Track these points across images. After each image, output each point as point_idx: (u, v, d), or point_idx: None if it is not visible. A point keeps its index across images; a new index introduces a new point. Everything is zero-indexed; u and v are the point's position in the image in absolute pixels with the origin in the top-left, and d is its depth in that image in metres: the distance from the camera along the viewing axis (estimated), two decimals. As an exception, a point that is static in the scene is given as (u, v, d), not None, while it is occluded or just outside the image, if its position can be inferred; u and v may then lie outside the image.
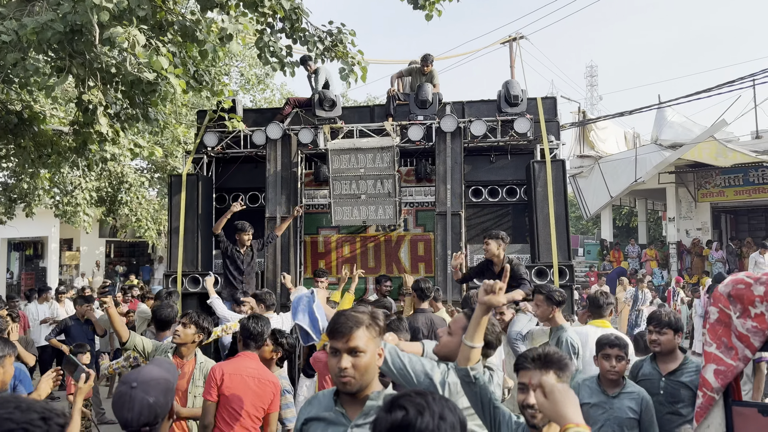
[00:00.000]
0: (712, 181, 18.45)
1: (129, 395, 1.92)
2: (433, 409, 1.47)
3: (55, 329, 8.32)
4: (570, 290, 7.31)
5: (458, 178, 7.64)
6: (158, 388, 1.97)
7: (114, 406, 1.97)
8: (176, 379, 2.13)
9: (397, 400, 1.50)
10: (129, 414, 1.90)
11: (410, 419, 1.44)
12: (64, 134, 9.20)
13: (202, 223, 8.21)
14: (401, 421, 1.45)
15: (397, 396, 1.53)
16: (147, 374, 1.99)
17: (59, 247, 21.76)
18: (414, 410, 1.46)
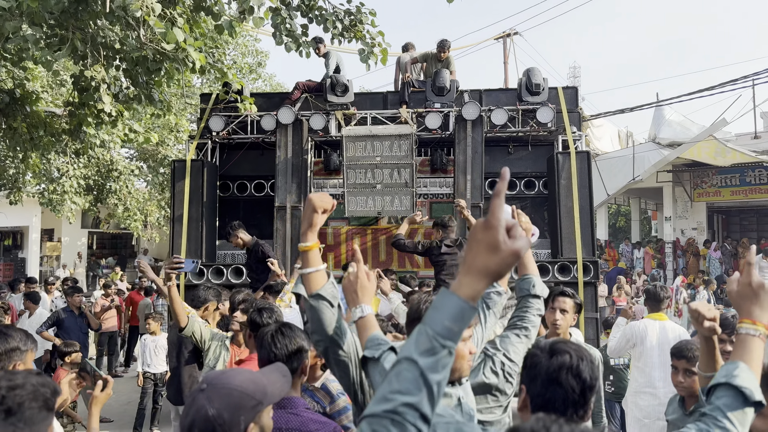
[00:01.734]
0: (708, 180, 18.42)
1: (193, 398, 1.55)
2: (586, 356, 1.65)
3: (47, 322, 7.84)
4: (594, 287, 7.06)
5: (479, 169, 7.32)
6: (227, 399, 1.53)
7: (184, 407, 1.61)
8: (279, 394, 1.66)
9: (555, 346, 1.68)
10: (186, 420, 1.54)
11: (573, 362, 1.62)
12: (56, 116, 8.70)
13: (206, 212, 7.79)
14: (562, 363, 1.62)
15: (554, 342, 1.70)
16: (224, 379, 1.59)
17: (40, 238, 21.04)
18: (576, 355, 1.64)
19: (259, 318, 3.26)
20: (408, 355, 1.15)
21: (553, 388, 1.61)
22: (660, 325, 4.81)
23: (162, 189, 16.54)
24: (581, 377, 1.60)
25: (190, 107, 15.47)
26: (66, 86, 10.96)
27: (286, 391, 1.74)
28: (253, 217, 8.40)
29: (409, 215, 7.09)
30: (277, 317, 3.36)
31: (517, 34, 22.52)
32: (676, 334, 4.74)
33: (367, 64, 6.69)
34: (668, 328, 4.82)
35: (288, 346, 2.43)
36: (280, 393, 1.68)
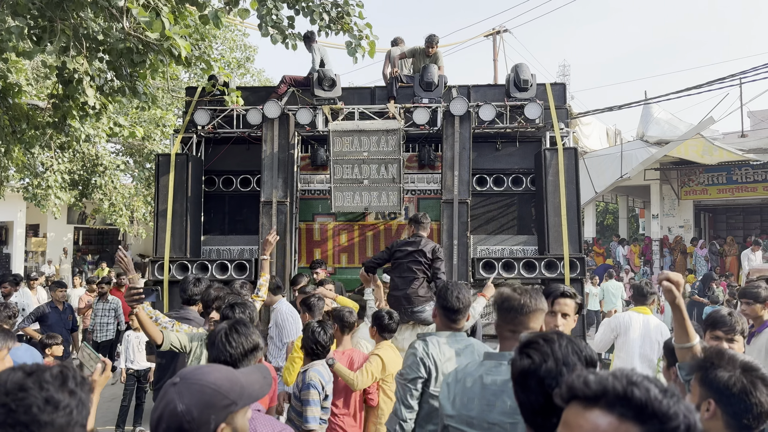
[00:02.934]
0: (695, 178, 18.54)
1: (164, 391, 1.49)
2: (557, 355, 1.56)
3: (30, 317, 7.73)
4: (581, 284, 7.05)
5: (466, 165, 7.29)
6: (198, 396, 1.46)
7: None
8: (255, 395, 1.57)
9: (525, 348, 1.61)
10: (154, 413, 1.48)
11: (537, 366, 1.55)
12: (39, 109, 8.56)
13: (191, 207, 7.70)
14: (528, 368, 1.56)
15: (527, 342, 1.63)
16: (199, 375, 1.52)
17: (25, 233, 20.78)
18: (539, 357, 1.57)
19: (231, 314, 3.19)
20: None
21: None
22: (644, 319, 4.91)
23: (148, 184, 16.37)
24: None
25: (177, 101, 15.33)
26: (51, 78, 10.81)
27: (265, 394, 1.67)
28: (239, 213, 8.34)
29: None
30: (250, 312, 3.30)
31: (507, 31, 22.54)
32: (659, 329, 4.84)
33: (354, 57, 6.63)
34: (651, 322, 4.92)
35: (244, 344, 2.31)
36: (258, 395, 1.60)
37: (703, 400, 1.90)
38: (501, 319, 2.31)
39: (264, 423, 2.10)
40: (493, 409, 2.10)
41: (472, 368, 2.26)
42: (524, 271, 7.05)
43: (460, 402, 2.19)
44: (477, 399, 2.15)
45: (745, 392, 1.83)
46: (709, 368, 1.93)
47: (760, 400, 1.82)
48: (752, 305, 4.26)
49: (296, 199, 7.99)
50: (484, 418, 2.11)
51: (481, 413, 2.12)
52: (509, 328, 2.27)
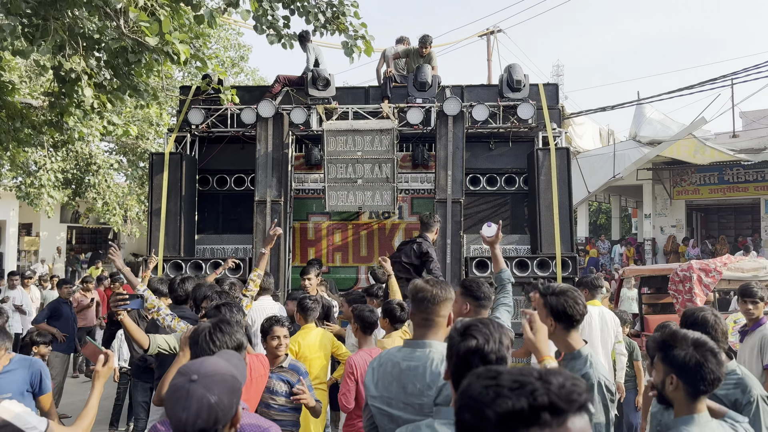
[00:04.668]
0: (688, 178, 18.66)
1: (186, 390, 1.53)
2: (495, 336, 1.87)
3: (45, 313, 7.88)
4: (572, 282, 7.10)
5: (459, 164, 7.33)
6: (223, 385, 1.57)
7: (167, 402, 1.57)
8: (245, 379, 1.72)
9: (467, 330, 1.87)
10: (184, 414, 1.52)
11: (480, 345, 1.83)
12: (33, 107, 8.55)
13: (185, 206, 7.72)
14: (474, 348, 1.83)
15: (468, 325, 1.89)
16: (211, 367, 1.60)
17: (18, 232, 20.70)
18: (482, 338, 1.84)
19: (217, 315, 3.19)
20: None
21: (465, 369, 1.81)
22: (599, 311, 5.29)
23: (142, 183, 16.35)
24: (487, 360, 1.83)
25: (171, 100, 15.31)
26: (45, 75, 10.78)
27: (245, 378, 1.75)
28: (233, 212, 8.36)
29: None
30: (236, 313, 3.31)
31: (501, 31, 22.61)
32: (611, 317, 5.34)
33: (351, 57, 6.66)
34: (605, 312, 5.36)
35: (227, 343, 2.32)
36: (244, 377, 1.72)
37: (667, 375, 2.21)
38: (415, 308, 2.52)
39: (251, 421, 2.13)
40: (406, 390, 2.35)
41: (392, 354, 2.50)
42: (517, 270, 7.10)
43: (382, 384, 2.42)
44: (395, 382, 2.39)
45: (699, 365, 2.15)
46: (667, 348, 2.24)
47: (711, 369, 2.15)
48: (758, 304, 4.47)
49: (290, 199, 8.02)
50: (400, 398, 2.35)
51: (398, 394, 2.36)
52: (422, 316, 2.48)
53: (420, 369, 2.37)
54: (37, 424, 2.29)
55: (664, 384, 2.22)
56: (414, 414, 2.31)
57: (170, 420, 1.55)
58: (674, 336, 2.28)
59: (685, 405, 2.19)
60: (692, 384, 2.17)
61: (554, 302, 2.59)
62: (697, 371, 2.16)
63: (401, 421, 2.31)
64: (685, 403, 2.19)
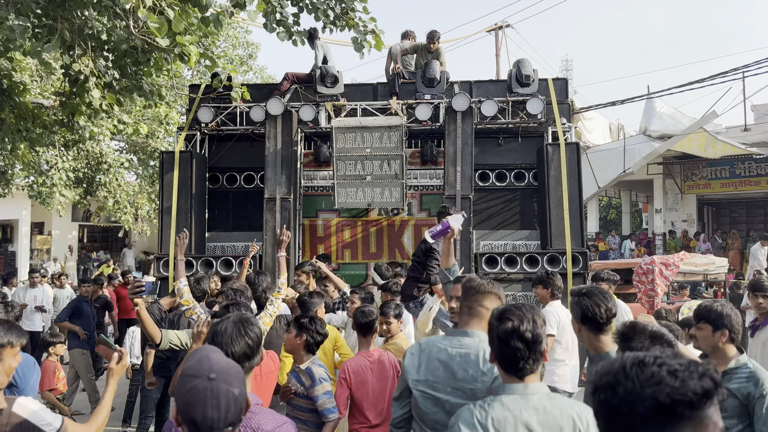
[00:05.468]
0: (699, 173, 18.52)
1: (210, 389, 1.55)
2: (528, 316, 2.06)
3: (67, 311, 7.96)
4: (582, 278, 7.08)
5: (468, 160, 7.32)
6: (239, 377, 1.63)
7: (187, 405, 1.57)
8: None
9: (503, 314, 2.09)
10: (215, 412, 1.54)
11: (516, 326, 2.03)
12: (44, 107, 8.62)
13: (195, 204, 7.76)
14: (511, 329, 2.03)
15: (503, 310, 2.12)
16: (222, 363, 1.63)
17: (30, 231, 20.89)
18: (517, 320, 2.04)
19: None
20: None
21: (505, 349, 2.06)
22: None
23: (152, 182, 16.44)
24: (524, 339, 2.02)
25: (180, 99, 15.37)
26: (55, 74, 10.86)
27: None
28: (243, 209, 8.39)
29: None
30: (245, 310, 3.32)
31: (509, 26, 22.51)
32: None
33: (361, 53, 6.64)
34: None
35: (249, 343, 2.26)
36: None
37: (717, 330, 2.59)
38: (462, 297, 2.68)
39: (267, 418, 2.14)
40: (456, 375, 2.45)
41: (436, 341, 2.63)
42: (527, 265, 7.10)
43: (426, 369, 2.52)
44: (442, 367, 2.48)
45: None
46: (626, 341, 2.38)
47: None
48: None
49: (300, 196, 8.04)
50: (448, 383, 2.45)
51: (446, 379, 2.46)
52: (467, 304, 2.61)
53: (472, 356, 2.47)
54: (52, 421, 2.32)
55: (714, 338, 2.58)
56: (464, 398, 2.38)
57: (193, 421, 1.55)
58: (633, 327, 2.44)
59: (723, 356, 2.63)
60: None
61: (577, 304, 2.60)
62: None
63: (448, 405, 2.42)
64: (724, 355, 2.64)
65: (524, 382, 2.04)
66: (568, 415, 2.00)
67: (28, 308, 9.01)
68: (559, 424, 1.98)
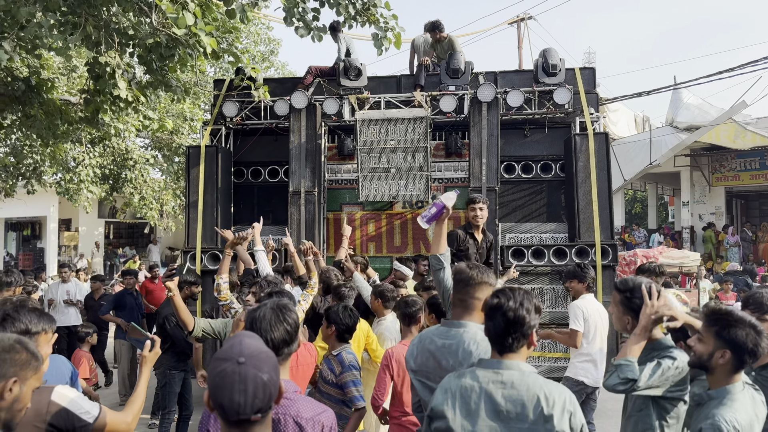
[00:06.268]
0: (727, 164, 18.15)
1: (238, 373, 1.52)
2: (517, 299, 2.17)
3: (111, 304, 8.14)
4: (612, 270, 6.97)
5: (494, 152, 7.24)
6: (270, 363, 1.58)
7: (216, 389, 1.55)
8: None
9: (496, 292, 2.26)
10: (241, 397, 1.51)
11: (501, 303, 2.17)
12: (71, 104, 8.73)
13: (221, 198, 7.80)
14: (496, 304, 2.18)
15: (499, 289, 2.29)
16: (252, 347, 1.59)
17: (58, 228, 21.27)
18: (504, 298, 2.18)
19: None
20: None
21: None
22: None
23: (177, 178, 16.61)
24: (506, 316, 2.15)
25: (203, 96, 15.48)
26: (78, 72, 10.99)
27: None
28: (268, 203, 8.41)
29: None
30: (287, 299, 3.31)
31: (532, 18, 22.27)
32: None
33: (380, 50, 6.62)
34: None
35: (288, 329, 2.25)
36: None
37: (718, 349, 2.43)
38: (454, 289, 2.73)
39: (306, 405, 2.12)
40: (441, 365, 2.57)
41: (431, 332, 2.73)
42: (554, 258, 7.00)
43: (421, 359, 2.66)
44: (431, 357, 2.62)
45: (756, 345, 2.41)
46: (725, 326, 2.43)
47: (763, 348, 2.42)
48: None
49: (324, 189, 8.03)
50: (436, 373, 2.56)
51: (435, 369, 2.59)
52: (459, 297, 2.67)
53: (453, 347, 2.57)
54: (90, 409, 2.33)
55: (713, 356, 2.44)
56: None
57: (221, 406, 1.53)
58: (730, 314, 2.47)
59: (726, 376, 2.45)
60: (741, 359, 2.43)
61: (635, 300, 2.65)
62: (753, 351, 2.40)
63: None
64: (727, 374, 2.45)
65: (501, 358, 2.16)
66: (534, 393, 2.06)
67: (60, 303, 9.15)
68: (522, 399, 2.05)
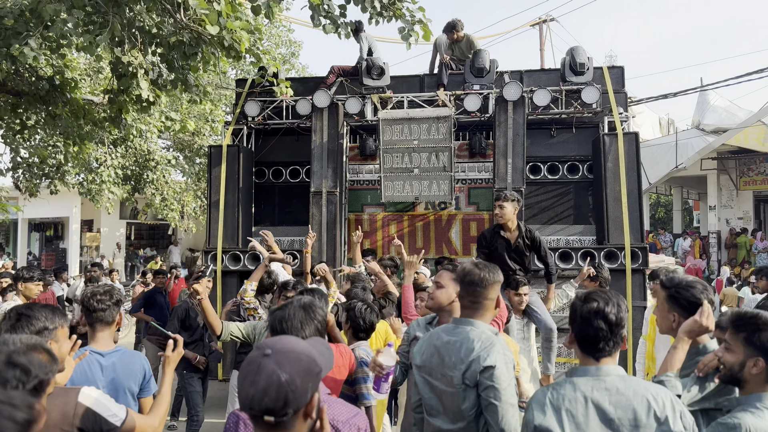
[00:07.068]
0: (756, 168, 17.72)
1: (258, 364, 1.41)
2: (613, 300, 2.09)
3: (141, 302, 8.13)
4: (642, 274, 6.77)
5: (520, 152, 7.08)
6: (298, 364, 1.42)
7: (240, 377, 1.45)
8: (328, 367, 1.55)
9: (589, 295, 2.11)
10: (252, 389, 1.39)
11: (601, 307, 2.06)
12: (95, 104, 8.75)
13: (242, 198, 7.74)
14: (596, 309, 2.05)
15: (589, 292, 2.13)
16: (288, 344, 1.47)
17: (80, 229, 21.48)
18: (603, 301, 2.07)
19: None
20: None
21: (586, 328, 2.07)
22: None
23: (198, 179, 16.66)
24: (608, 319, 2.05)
25: (225, 98, 15.51)
26: (103, 73, 11.05)
27: (331, 367, 1.59)
28: (289, 204, 8.34)
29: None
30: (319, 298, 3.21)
31: (554, 20, 22.07)
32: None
33: (408, 43, 6.48)
34: None
35: (318, 327, 2.20)
36: (329, 366, 1.56)
37: (749, 357, 2.18)
38: (463, 291, 2.62)
39: (341, 408, 2.02)
40: (444, 361, 2.51)
41: (441, 329, 2.67)
42: (582, 261, 6.81)
43: (427, 355, 2.61)
44: (436, 353, 2.56)
45: None
46: (754, 331, 2.19)
47: None
48: None
49: (345, 190, 7.94)
50: (438, 369, 2.52)
51: (438, 366, 2.53)
52: (470, 299, 2.58)
53: (457, 344, 2.50)
54: (117, 412, 2.24)
55: (744, 365, 2.19)
56: (446, 386, 2.47)
57: (239, 396, 1.43)
58: (757, 317, 2.22)
59: (760, 387, 2.19)
60: None
61: (683, 295, 2.50)
62: None
63: (438, 390, 2.51)
64: (761, 386, 2.19)
65: (598, 364, 2.05)
66: (642, 396, 1.96)
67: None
68: (632, 404, 1.95)
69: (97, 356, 2.69)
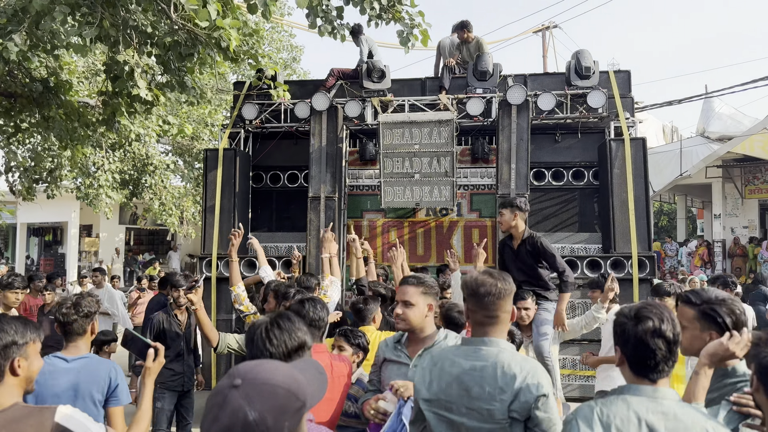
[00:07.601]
0: (761, 176, 17.52)
1: (224, 396, 1.17)
2: (666, 315, 1.90)
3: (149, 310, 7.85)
4: (650, 284, 6.55)
5: (524, 157, 6.89)
6: (270, 401, 1.17)
7: (206, 405, 1.21)
8: (317, 396, 1.29)
9: (639, 312, 1.91)
10: (213, 426, 1.15)
11: (657, 326, 1.88)
12: (90, 107, 8.58)
13: (239, 203, 7.55)
14: (653, 328, 1.87)
15: (637, 308, 1.93)
16: (263, 373, 1.21)
17: (79, 233, 21.31)
18: (657, 319, 1.89)
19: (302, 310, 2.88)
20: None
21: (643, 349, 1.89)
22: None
23: (197, 184, 16.49)
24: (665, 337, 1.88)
25: (225, 102, 15.36)
26: (100, 75, 10.90)
27: (324, 394, 1.37)
28: (287, 209, 8.15)
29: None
30: (320, 310, 2.99)
31: (557, 27, 21.98)
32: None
33: (406, 47, 6.33)
34: None
35: (287, 342, 1.99)
36: (319, 395, 1.31)
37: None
38: (475, 304, 2.23)
39: None
40: (471, 393, 2.12)
41: (449, 352, 2.27)
42: (588, 270, 6.62)
43: (438, 386, 2.19)
44: (455, 383, 2.14)
45: None
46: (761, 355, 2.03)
47: None
48: None
49: (344, 195, 7.75)
50: (462, 402, 2.12)
51: (460, 398, 2.13)
52: (485, 313, 2.20)
53: (489, 369, 2.12)
54: (96, 430, 2.05)
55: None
56: (480, 421, 2.08)
57: (201, 427, 1.21)
58: (761, 339, 1.97)
59: None
60: None
61: (717, 312, 2.23)
62: None
63: (464, 428, 2.11)
64: None
65: (655, 385, 1.89)
66: (701, 427, 1.81)
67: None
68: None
69: (59, 360, 2.65)
